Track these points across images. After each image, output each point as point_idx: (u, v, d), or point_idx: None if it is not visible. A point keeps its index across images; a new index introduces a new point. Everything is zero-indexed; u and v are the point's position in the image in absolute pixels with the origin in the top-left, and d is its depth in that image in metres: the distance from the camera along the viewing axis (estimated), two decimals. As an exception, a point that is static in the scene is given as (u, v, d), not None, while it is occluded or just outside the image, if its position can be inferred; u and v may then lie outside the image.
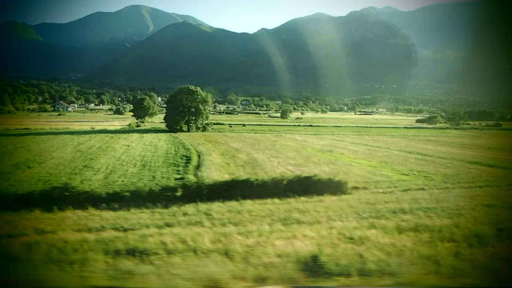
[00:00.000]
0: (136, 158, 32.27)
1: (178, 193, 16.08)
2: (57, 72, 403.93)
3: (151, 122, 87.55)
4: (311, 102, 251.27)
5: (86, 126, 69.61)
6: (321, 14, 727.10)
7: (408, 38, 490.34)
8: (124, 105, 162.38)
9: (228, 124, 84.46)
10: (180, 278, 5.62)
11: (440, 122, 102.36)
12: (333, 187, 17.31)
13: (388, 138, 59.44)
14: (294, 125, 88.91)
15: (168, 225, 11.29)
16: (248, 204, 14.65)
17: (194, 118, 63.97)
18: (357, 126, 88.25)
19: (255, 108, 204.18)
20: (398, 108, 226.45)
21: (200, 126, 64.92)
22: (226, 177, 21.02)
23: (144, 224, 11.30)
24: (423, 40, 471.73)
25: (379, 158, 33.60)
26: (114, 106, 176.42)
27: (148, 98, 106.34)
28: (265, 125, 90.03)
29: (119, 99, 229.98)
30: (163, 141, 47.53)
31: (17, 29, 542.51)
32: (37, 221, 11.92)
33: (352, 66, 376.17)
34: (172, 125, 63.73)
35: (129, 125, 72.77)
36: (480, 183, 21.55)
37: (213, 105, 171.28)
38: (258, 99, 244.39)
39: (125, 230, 10.52)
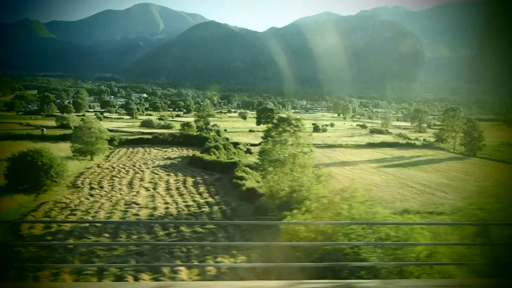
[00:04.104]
0: None
1: None
2: (84, 71, 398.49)
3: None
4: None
5: None
6: (329, 14, 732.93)
7: (418, 39, 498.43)
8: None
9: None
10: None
11: None
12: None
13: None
14: None
15: None
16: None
17: None
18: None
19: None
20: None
21: None
22: None
23: None
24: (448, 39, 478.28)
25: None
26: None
27: None
28: None
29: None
30: None
31: (32, 27, 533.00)
32: None
33: (383, 66, 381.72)
34: None
35: None
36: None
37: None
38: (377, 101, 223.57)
39: None
